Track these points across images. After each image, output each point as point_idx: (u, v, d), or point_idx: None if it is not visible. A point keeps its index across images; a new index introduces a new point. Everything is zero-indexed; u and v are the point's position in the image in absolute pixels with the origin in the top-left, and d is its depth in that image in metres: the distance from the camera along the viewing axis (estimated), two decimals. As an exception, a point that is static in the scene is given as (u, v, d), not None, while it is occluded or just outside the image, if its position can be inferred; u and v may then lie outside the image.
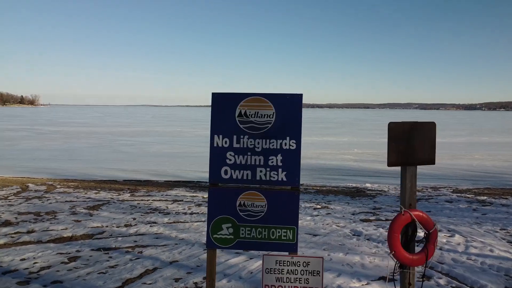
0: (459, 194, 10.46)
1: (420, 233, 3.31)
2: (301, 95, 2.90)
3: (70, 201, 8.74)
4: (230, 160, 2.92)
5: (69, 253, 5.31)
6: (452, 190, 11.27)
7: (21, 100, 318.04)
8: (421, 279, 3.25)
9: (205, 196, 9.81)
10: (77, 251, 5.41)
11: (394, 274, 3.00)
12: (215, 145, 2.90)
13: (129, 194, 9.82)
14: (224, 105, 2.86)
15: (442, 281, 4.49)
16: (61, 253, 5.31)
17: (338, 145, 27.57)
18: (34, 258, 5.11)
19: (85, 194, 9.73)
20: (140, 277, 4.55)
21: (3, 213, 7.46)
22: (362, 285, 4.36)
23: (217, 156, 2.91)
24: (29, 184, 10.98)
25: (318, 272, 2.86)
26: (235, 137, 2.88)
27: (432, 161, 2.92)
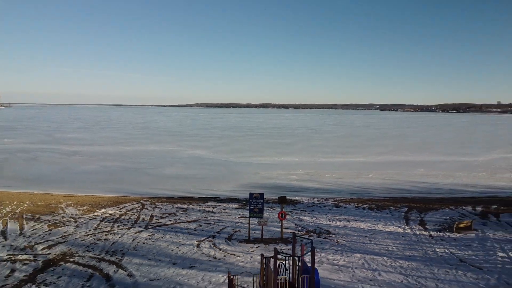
0: (333, 202, 23.99)
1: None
2: (263, 193, 16.16)
3: (172, 208, 21.48)
4: (252, 206, 16.00)
5: (197, 225, 18.26)
6: (333, 200, 24.78)
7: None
8: (282, 223, 16.59)
9: (227, 205, 22.77)
10: (199, 224, 18.38)
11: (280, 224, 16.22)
12: (250, 202, 16.00)
13: (191, 205, 22.64)
14: (251, 196, 15.96)
15: (297, 226, 17.85)
16: (195, 225, 18.24)
17: (290, 165, 40.69)
18: (192, 227, 18.00)
19: (173, 205, 22.44)
20: (223, 229, 17.68)
21: (154, 214, 20.14)
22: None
23: (251, 205, 15.97)
24: (141, 201, 23.49)
25: (266, 222, 16.01)
26: (253, 202, 15.96)
27: (285, 202, 16.16)
